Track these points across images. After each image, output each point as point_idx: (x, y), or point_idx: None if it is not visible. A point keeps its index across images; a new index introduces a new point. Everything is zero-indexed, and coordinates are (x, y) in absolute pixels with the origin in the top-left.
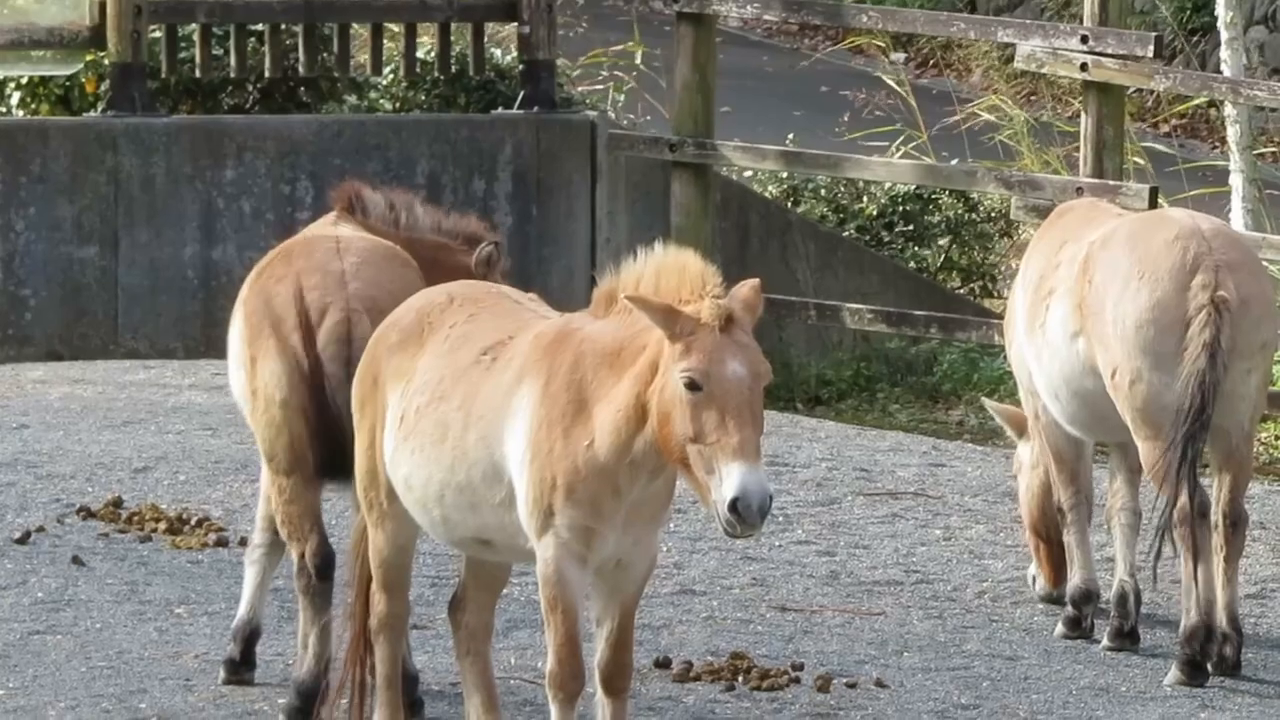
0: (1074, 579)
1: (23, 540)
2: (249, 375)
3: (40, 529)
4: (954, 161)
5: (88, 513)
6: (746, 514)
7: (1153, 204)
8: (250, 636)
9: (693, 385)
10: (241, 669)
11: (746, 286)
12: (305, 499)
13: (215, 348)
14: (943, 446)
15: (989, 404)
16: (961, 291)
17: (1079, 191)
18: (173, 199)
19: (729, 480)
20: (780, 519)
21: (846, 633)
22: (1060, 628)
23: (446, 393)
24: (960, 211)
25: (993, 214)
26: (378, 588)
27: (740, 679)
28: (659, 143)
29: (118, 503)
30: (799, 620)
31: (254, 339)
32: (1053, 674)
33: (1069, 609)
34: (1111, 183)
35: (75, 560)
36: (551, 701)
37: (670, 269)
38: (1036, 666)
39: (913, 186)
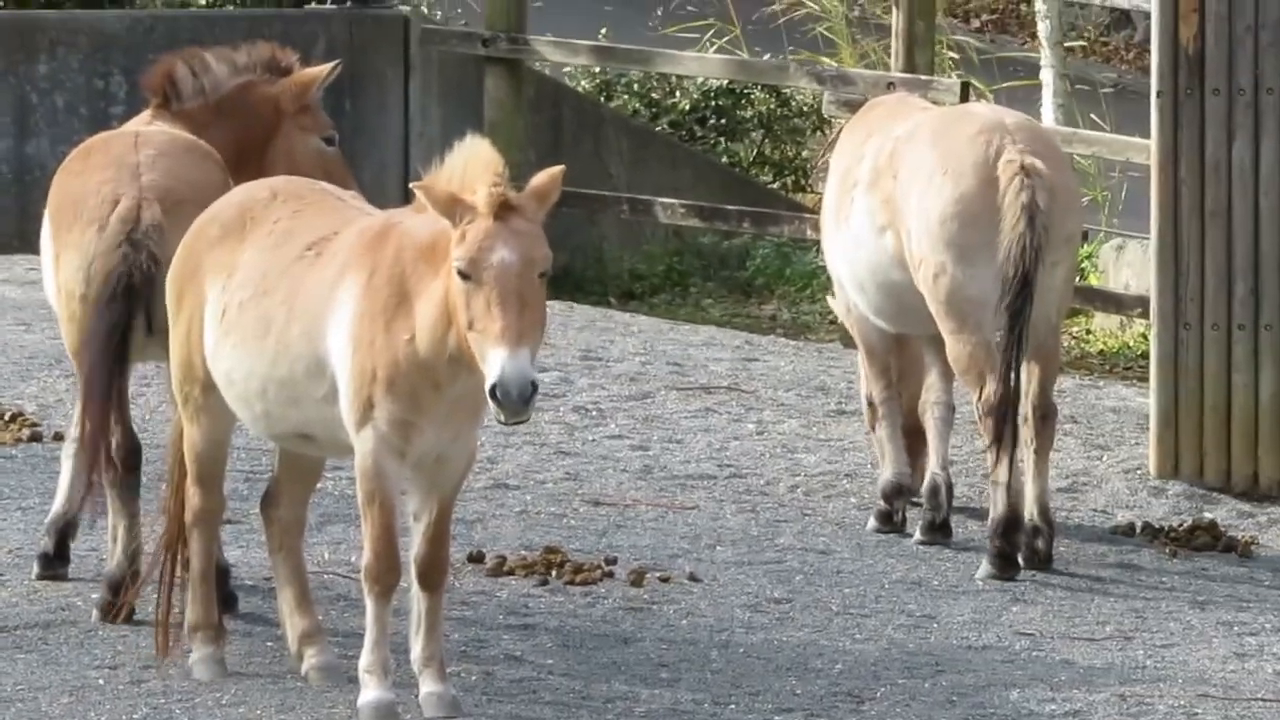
0: (885, 473)
1: None
2: (55, 272)
3: None
4: (767, 56)
5: None
6: (506, 400)
7: (964, 98)
8: (64, 530)
9: (462, 273)
10: (55, 563)
11: (544, 174)
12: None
13: (29, 243)
14: (755, 341)
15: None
16: (774, 186)
17: (890, 86)
18: None
19: (490, 368)
20: (594, 413)
21: (660, 527)
22: (872, 522)
23: (270, 288)
24: (773, 106)
25: (805, 109)
26: (192, 482)
27: (554, 573)
28: (472, 38)
29: None
30: (612, 514)
31: (56, 234)
32: (865, 568)
33: (880, 503)
34: (923, 78)
35: None
36: (367, 595)
37: (471, 160)
38: (849, 560)
39: (725, 81)
